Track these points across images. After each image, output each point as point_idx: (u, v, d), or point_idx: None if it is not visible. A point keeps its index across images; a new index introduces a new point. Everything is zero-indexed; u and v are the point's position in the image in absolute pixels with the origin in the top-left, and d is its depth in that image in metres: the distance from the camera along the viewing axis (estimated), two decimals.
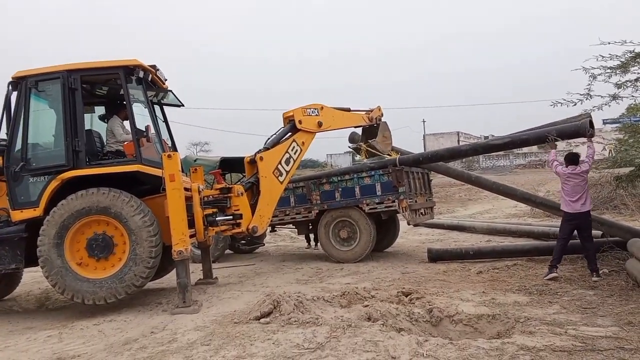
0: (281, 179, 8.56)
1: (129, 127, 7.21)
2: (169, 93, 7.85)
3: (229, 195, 7.93)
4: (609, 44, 7.02)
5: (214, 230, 7.70)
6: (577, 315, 5.16)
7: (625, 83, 7.33)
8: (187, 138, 60.13)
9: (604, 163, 10.09)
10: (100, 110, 8.02)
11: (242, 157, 9.02)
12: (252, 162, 8.56)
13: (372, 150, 10.26)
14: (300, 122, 8.92)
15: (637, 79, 7.36)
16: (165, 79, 7.67)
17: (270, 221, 9.06)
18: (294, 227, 11.59)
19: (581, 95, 7.61)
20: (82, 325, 6.04)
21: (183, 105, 8.24)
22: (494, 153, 38.85)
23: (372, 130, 10.35)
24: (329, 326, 4.98)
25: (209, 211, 7.49)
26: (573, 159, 7.20)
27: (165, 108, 8.14)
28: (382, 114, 10.49)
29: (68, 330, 5.90)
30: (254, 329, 5.14)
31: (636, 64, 7.15)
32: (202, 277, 8.50)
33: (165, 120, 8.08)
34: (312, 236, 11.57)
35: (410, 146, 12.05)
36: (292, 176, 9.16)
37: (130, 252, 6.46)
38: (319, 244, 10.59)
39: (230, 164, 11.34)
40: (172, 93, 7.87)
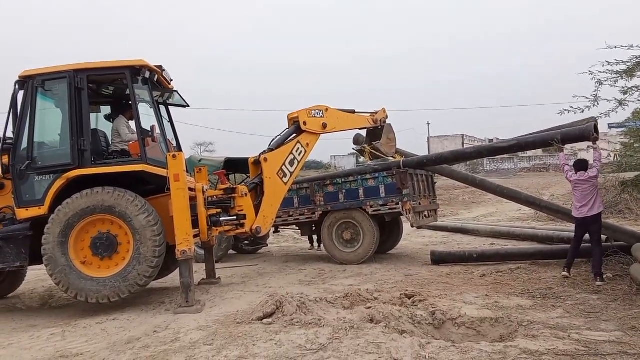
0: (285, 180, 8.58)
1: (134, 127, 7.24)
2: (174, 93, 7.87)
3: (233, 195, 7.97)
4: (615, 48, 7.00)
5: (217, 230, 7.72)
6: (580, 320, 5.14)
7: (632, 89, 7.30)
8: (191, 138, 60.24)
9: (609, 167, 10.05)
10: (106, 110, 8.06)
11: (247, 158, 9.05)
12: (257, 163, 8.58)
13: (376, 152, 10.26)
14: (305, 123, 8.94)
15: None
16: (171, 80, 7.70)
17: (274, 222, 9.08)
18: (297, 228, 11.60)
19: (588, 100, 7.58)
20: (85, 324, 6.06)
21: (188, 106, 8.27)
22: (498, 156, 38.88)
23: (377, 132, 10.35)
24: (331, 327, 4.98)
25: (213, 211, 7.53)
26: (582, 165, 7.27)
27: (170, 108, 8.18)
28: (387, 116, 10.49)
29: (71, 329, 5.93)
30: (256, 330, 5.14)
31: None
32: (205, 277, 8.52)
33: (171, 121, 8.12)
34: (315, 237, 11.56)
35: (414, 148, 12.03)
36: (296, 177, 9.17)
37: (134, 252, 6.48)
38: (322, 245, 10.60)
39: (235, 165, 11.37)
40: (178, 93, 7.90)
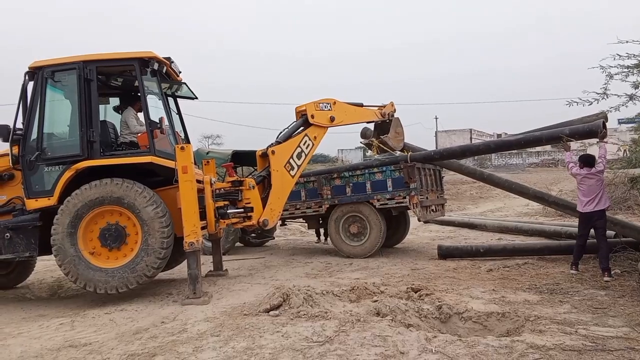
0: (292, 173, 8.58)
1: (143, 119, 7.25)
2: (182, 85, 7.88)
3: (240, 188, 7.98)
4: (626, 42, 6.93)
5: (225, 222, 7.73)
6: (587, 315, 5.13)
7: None
8: (199, 131, 60.34)
9: (618, 163, 9.98)
10: (114, 101, 8.09)
11: (254, 151, 9.06)
12: (264, 155, 8.58)
13: (383, 146, 10.23)
14: (313, 116, 8.93)
15: None
16: (180, 72, 7.70)
17: (281, 215, 9.09)
18: (304, 221, 11.61)
19: (597, 94, 7.52)
20: (94, 314, 6.11)
21: (197, 98, 8.27)
22: (506, 151, 38.65)
23: (385, 126, 10.31)
24: (337, 320, 5.00)
25: (221, 204, 7.54)
26: (588, 160, 7.24)
27: (179, 100, 8.19)
28: (395, 110, 10.44)
29: (80, 319, 5.98)
30: (263, 321, 5.17)
31: None
32: (212, 269, 8.56)
33: (179, 113, 8.13)
34: (322, 231, 11.58)
35: (422, 143, 11.96)
36: (303, 170, 9.17)
37: (142, 243, 6.52)
38: (328, 238, 10.61)
39: (242, 157, 11.38)
40: (186, 86, 7.90)
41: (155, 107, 7.36)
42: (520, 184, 10.32)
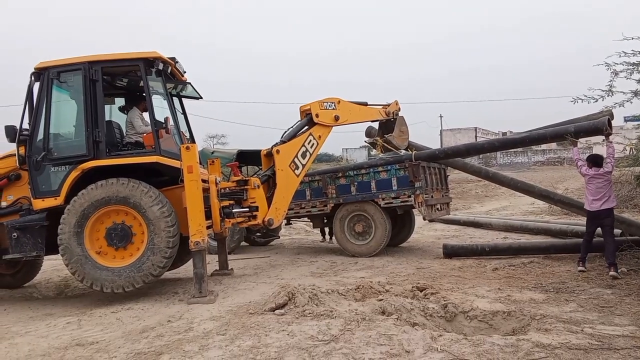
0: (297, 172, 8.59)
1: (148, 119, 7.28)
2: (187, 85, 7.90)
3: (245, 187, 8.00)
4: (632, 39, 6.89)
5: (230, 222, 7.76)
6: (594, 314, 5.11)
7: None
8: (204, 130, 60.43)
9: (624, 161, 9.93)
10: (120, 101, 8.12)
11: (259, 150, 9.07)
12: (269, 155, 8.60)
13: (388, 145, 10.22)
14: (317, 115, 8.93)
15: None
16: (184, 72, 7.73)
17: (286, 214, 9.11)
18: (309, 220, 11.63)
19: (602, 91, 7.49)
20: (101, 313, 6.15)
21: (202, 98, 8.30)
22: (511, 149, 38.51)
23: (389, 124, 10.31)
24: (343, 319, 5.00)
25: (226, 203, 7.56)
26: (597, 161, 7.22)
27: (183, 100, 8.21)
28: (400, 109, 10.44)
29: (87, 318, 6.02)
30: (268, 320, 5.19)
31: None
32: (218, 268, 8.59)
33: (184, 113, 8.16)
34: (327, 230, 11.59)
35: (427, 141, 11.96)
36: (308, 169, 9.18)
37: (149, 242, 6.56)
38: (333, 237, 10.62)
39: (247, 157, 11.40)
40: (191, 85, 7.92)
41: (161, 107, 7.39)
42: (526, 182, 10.29)
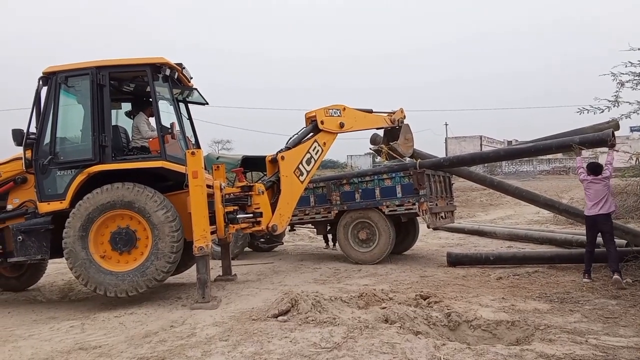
0: (302, 178, 8.61)
1: (154, 124, 7.32)
2: (194, 91, 7.95)
3: (250, 193, 8.01)
4: (638, 49, 6.90)
5: (234, 227, 7.76)
6: (598, 325, 5.08)
7: None
8: (209, 136, 60.57)
9: (630, 171, 9.90)
10: (126, 106, 8.17)
11: (264, 156, 9.08)
12: (274, 161, 8.62)
13: (393, 152, 10.23)
14: (322, 122, 8.96)
15: None
16: (191, 77, 7.77)
17: (290, 220, 9.11)
18: (313, 226, 11.62)
19: (609, 101, 7.50)
20: (104, 317, 6.16)
21: (207, 104, 8.34)
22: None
23: (394, 132, 10.32)
24: (346, 326, 4.99)
25: (230, 209, 7.57)
26: (596, 169, 7.37)
27: (190, 106, 8.25)
28: (405, 116, 10.46)
29: (90, 322, 6.02)
30: (271, 327, 5.18)
31: None
32: (221, 274, 8.59)
33: (190, 118, 8.20)
34: (330, 236, 11.57)
35: (432, 149, 11.97)
36: (312, 176, 9.19)
37: (153, 247, 6.57)
38: (337, 244, 10.60)
39: (252, 163, 11.41)
40: (197, 91, 7.97)
41: (167, 113, 7.44)
42: (531, 191, 10.27)
